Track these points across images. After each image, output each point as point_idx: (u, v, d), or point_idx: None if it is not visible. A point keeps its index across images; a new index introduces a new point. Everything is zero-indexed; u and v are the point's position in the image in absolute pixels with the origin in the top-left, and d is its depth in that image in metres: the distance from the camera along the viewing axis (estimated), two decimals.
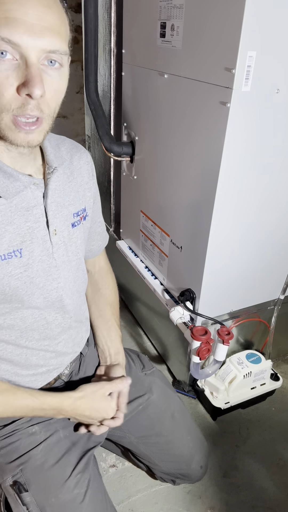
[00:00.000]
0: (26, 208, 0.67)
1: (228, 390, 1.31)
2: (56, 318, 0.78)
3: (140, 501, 1.13)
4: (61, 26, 0.56)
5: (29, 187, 0.67)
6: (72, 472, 0.78)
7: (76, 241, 0.78)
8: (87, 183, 0.82)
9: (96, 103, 1.42)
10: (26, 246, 0.68)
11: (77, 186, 0.79)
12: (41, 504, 0.74)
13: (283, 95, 0.92)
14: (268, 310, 1.38)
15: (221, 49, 0.86)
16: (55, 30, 0.55)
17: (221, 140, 0.92)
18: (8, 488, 0.76)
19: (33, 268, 0.70)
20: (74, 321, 0.83)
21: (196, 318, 1.21)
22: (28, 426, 0.80)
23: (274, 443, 1.29)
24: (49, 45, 0.54)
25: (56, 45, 0.55)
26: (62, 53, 0.57)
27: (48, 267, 0.72)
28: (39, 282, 0.72)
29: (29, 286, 0.70)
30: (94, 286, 0.99)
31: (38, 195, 0.69)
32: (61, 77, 0.59)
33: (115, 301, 1.02)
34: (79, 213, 0.79)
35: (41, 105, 0.57)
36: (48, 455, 0.78)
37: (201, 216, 1.06)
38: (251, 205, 1.08)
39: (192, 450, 0.98)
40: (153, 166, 1.28)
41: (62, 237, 0.74)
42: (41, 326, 0.76)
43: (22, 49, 0.53)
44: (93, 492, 0.78)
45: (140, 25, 1.18)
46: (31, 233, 0.68)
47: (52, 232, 0.72)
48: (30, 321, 0.74)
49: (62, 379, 0.88)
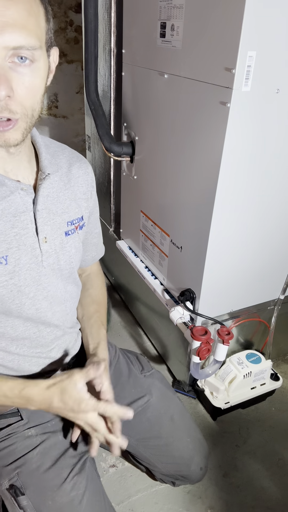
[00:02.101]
0: (14, 214, 0.65)
1: (228, 390, 1.31)
2: (48, 326, 0.77)
3: (140, 501, 1.13)
4: (29, 18, 0.51)
5: (17, 193, 0.65)
6: (69, 474, 0.77)
7: (70, 250, 0.76)
8: (85, 193, 0.80)
9: (96, 103, 1.42)
10: (12, 253, 0.66)
11: (74, 194, 0.77)
12: (38, 508, 0.73)
13: (283, 95, 0.92)
14: (268, 310, 1.38)
15: (221, 49, 0.86)
16: (19, 24, 0.50)
17: (221, 140, 0.92)
18: (5, 491, 0.75)
19: (20, 276, 0.68)
20: (67, 327, 0.82)
21: (196, 318, 1.21)
22: (24, 429, 0.80)
23: (274, 443, 1.29)
24: (12, 41, 0.50)
25: (20, 40, 0.51)
26: (30, 48, 0.52)
27: (37, 276, 0.70)
28: (29, 291, 0.70)
29: (16, 295, 0.68)
30: (83, 287, 0.96)
31: (27, 201, 0.67)
32: (34, 73, 0.55)
33: (102, 300, 0.98)
34: (73, 222, 0.76)
35: (11, 106, 0.54)
36: (44, 458, 0.77)
37: (201, 216, 1.06)
38: (251, 205, 1.08)
39: (192, 452, 0.98)
40: (153, 166, 1.28)
41: (54, 245, 0.72)
42: (32, 334, 0.75)
43: None
44: (90, 494, 0.77)
45: (140, 25, 1.18)
46: (18, 239, 0.66)
47: (42, 239, 0.70)
48: (21, 330, 0.73)
49: None
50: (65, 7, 2.42)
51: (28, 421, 0.81)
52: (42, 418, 0.82)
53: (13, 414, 0.81)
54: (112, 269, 1.93)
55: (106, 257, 2.01)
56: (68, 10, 2.44)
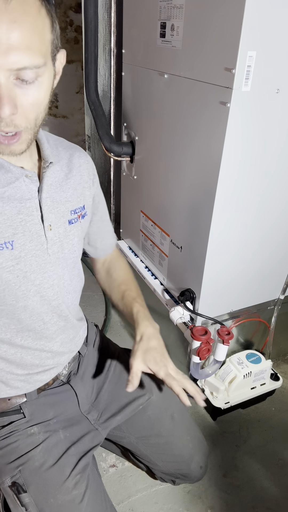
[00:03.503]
0: (20, 200, 0.67)
1: (228, 390, 1.31)
2: (52, 318, 0.77)
3: (140, 501, 1.13)
4: (33, 38, 0.52)
5: (22, 180, 0.66)
6: (71, 473, 0.77)
7: (72, 238, 0.77)
8: (87, 182, 0.82)
9: (96, 103, 1.42)
10: (18, 239, 0.67)
11: (76, 184, 0.78)
12: (40, 505, 0.73)
13: (283, 95, 0.92)
14: (268, 310, 1.38)
15: (221, 49, 0.86)
16: (22, 46, 0.51)
17: (221, 140, 0.92)
18: (7, 489, 0.75)
19: (26, 262, 0.69)
20: (71, 320, 0.83)
21: (196, 318, 1.21)
22: (27, 427, 0.80)
23: (274, 443, 1.29)
24: (16, 63, 0.51)
25: (24, 62, 0.52)
26: (34, 67, 0.53)
27: (43, 263, 0.72)
28: (35, 278, 0.71)
29: (22, 281, 0.69)
30: (107, 274, 0.99)
31: (32, 189, 0.68)
32: (38, 88, 0.56)
33: (128, 278, 0.97)
34: (76, 211, 0.78)
35: (16, 121, 0.56)
36: (47, 456, 0.78)
37: (201, 216, 1.06)
38: (251, 205, 1.08)
39: (192, 451, 0.98)
40: (153, 166, 1.28)
41: (58, 233, 0.74)
42: (37, 326, 0.75)
43: None
44: (92, 492, 0.78)
45: (140, 25, 1.18)
46: (23, 225, 0.67)
47: (47, 227, 0.71)
48: (27, 322, 0.73)
49: (61, 379, 0.87)
50: (65, 7, 2.42)
51: (30, 419, 0.81)
52: (45, 416, 0.83)
53: (15, 412, 0.81)
54: None
55: None
56: (68, 10, 2.44)
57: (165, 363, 0.79)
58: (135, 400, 0.95)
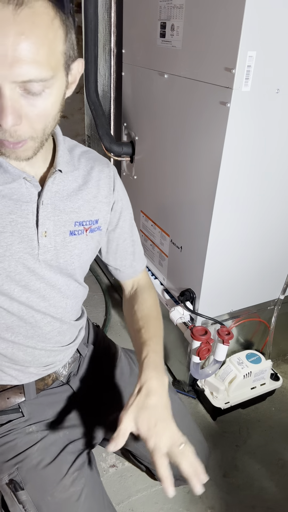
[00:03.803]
0: (15, 201, 0.66)
1: (228, 390, 1.31)
2: (45, 318, 0.77)
3: (140, 501, 1.13)
4: (40, 51, 0.51)
5: (23, 182, 0.66)
6: (68, 470, 0.77)
7: (72, 250, 0.75)
8: (106, 197, 0.80)
9: (96, 103, 1.42)
10: (4, 238, 0.66)
11: (90, 196, 0.76)
12: (37, 503, 0.74)
13: (283, 95, 0.92)
14: (268, 310, 1.38)
15: (221, 49, 0.86)
16: (29, 59, 0.50)
17: (221, 140, 0.92)
18: (4, 486, 0.76)
19: (11, 262, 0.68)
20: (67, 321, 0.82)
21: (196, 318, 1.21)
22: (25, 425, 0.80)
23: (274, 443, 1.29)
24: (21, 76, 0.50)
25: (30, 75, 0.51)
26: (39, 81, 0.52)
27: (32, 267, 0.71)
28: (20, 279, 0.70)
29: (5, 280, 0.68)
30: (129, 303, 0.91)
31: (33, 193, 0.68)
32: (45, 99, 0.55)
33: (149, 314, 0.87)
34: (84, 223, 0.76)
35: (19, 132, 0.55)
36: (44, 453, 0.78)
37: (201, 216, 1.06)
38: (251, 205, 1.08)
39: None
40: (153, 166, 1.28)
41: (54, 242, 0.72)
42: (28, 323, 0.75)
43: None
44: (89, 490, 0.78)
45: (140, 25, 1.18)
46: (13, 226, 0.67)
47: (42, 233, 0.70)
48: (16, 316, 0.73)
49: (60, 380, 0.87)
50: None
51: (29, 418, 0.81)
52: (43, 414, 0.83)
53: (14, 411, 0.81)
54: None
55: None
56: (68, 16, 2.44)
57: (158, 432, 0.69)
58: None
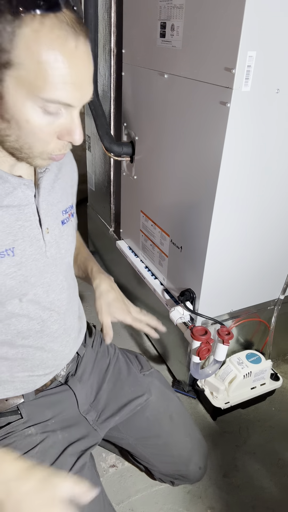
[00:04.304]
0: (18, 207, 0.67)
1: (228, 390, 1.31)
2: (51, 316, 0.78)
3: (140, 501, 1.13)
4: (91, 71, 0.58)
5: (20, 188, 0.67)
6: (68, 472, 0.77)
7: (67, 238, 0.78)
8: (72, 179, 0.84)
9: (96, 103, 1.42)
10: (18, 245, 0.68)
11: (64, 183, 0.79)
12: None
13: (283, 95, 0.92)
14: (268, 310, 1.38)
15: (221, 49, 0.86)
16: (90, 81, 0.57)
17: (221, 140, 0.92)
18: None
19: (27, 267, 0.70)
20: (70, 318, 0.83)
21: (196, 318, 1.21)
22: (24, 428, 0.80)
23: (274, 443, 1.29)
24: (89, 97, 0.58)
25: (91, 94, 0.58)
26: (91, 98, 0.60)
27: (42, 266, 0.72)
28: (35, 281, 0.72)
29: (23, 285, 0.70)
30: None
31: (29, 195, 0.69)
32: None
33: (79, 245, 1.00)
34: (67, 210, 0.79)
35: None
36: (44, 456, 0.78)
37: (201, 216, 1.06)
38: (251, 205, 1.08)
39: (191, 452, 0.98)
40: (153, 166, 1.28)
41: (54, 235, 0.75)
42: (36, 324, 0.75)
43: (70, 105, 0.56)
44: None
45: (140, 25, 1.18)
46: (22, 231, 0.68)
47: (45, 230, 0.72)
48: (25, 320, 0.73)
49: (58, 381, 0.87)
50: None
51: (28, 420, 0.81)
52: (42, 416, 0.82)
53: (12, 413, 0.81)
54: (112, 269, 1.93)
55: (106, 257, 2.02)
56: None
57: (128, 309, 0.94)
58: (133, 400, 0.95)
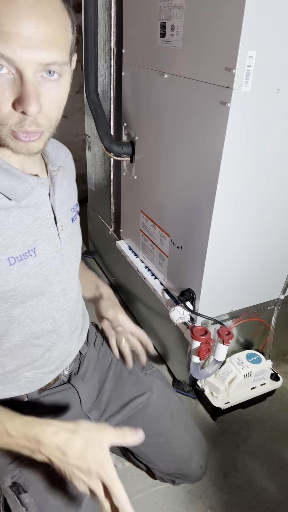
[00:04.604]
0: (35, 207, 0.68)
1: (228, 390, 1.31)
2: (63, 315, 0.78)
3: (140, 501, 1.13)
4: (60, 34, 0.53)
5: (37, 187, 0.67)
6: None
7: (77, 235, 0.80)
8: (73, 178, 0.84)
9: (96, 103, 1.42)
10: (38, 245, 0.68)
11: (69, 181, 0.80)
12: (40, 505, 0.73)
13: (283, 95, 0.92)
14: (268, 310, 1.38)
15: (221, 49, 0.86)
16: (52, 41, 0.52)
17: (221, 140, 0.92)
18: (7, 489, 0.75)
19: (47, 265, 0.70)
20: (77, 317, 0.84)
21: (196, 318, 1.21)
22: None
23: (274, 443, 1.29)
24: (45, 58, 0.52)
25: (53, 57, 0.52)
26: (61, 63, 0.54)
27: (58, 263, 0.73)
28: (53, 279, 0.73)
29: (44, 285, 0.71)
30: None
31: (44, 193, 0.69)
32: (60, 87, 0.56)
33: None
34: (74, 208, 0.80)
35: (39, 120, 0.56)
36: None
37: (201, 216, 1.06)
38: (251, 205, 1.08)
39: (192, 450, 0.98)
40: (153, 166, 1.28)
41: (68, 232, 0.75)
42: (49, 324, 0.76)
43: (16, 64, 0.51)
44: None
45: (140, 25, 1.18)
46: (41, 231, 0.69)
47: (60, 228, 0.73)
48: (39, 320, 0.74)
49: (62, 379, 0.88)
50: None
51: None
52: (45, 415, 0.83)
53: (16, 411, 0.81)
54: (112, 269, 1.93)
55: (106, 257, 2.02)
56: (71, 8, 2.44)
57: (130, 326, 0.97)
58: (135, 398, 0.95)
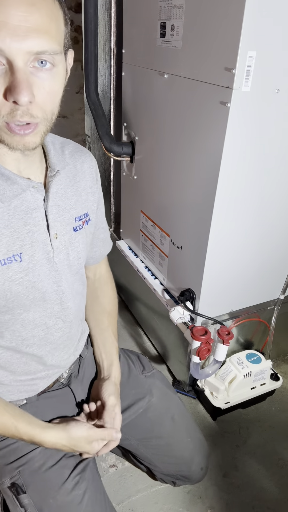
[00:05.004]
0: (25, 211, 0.66)
1: (228, 390, 1.31)
2: (56, 323, 0.77)
3: (140, 501, 1.13)
4: (50, 23, 0.52)
5: (28, 190, 0.66)
6: (71, 473, 0.77)
7: (78, 246, 0.77)
8: (91, 187, 0.80)
9: (96, 103, 1.42)
10: (26, 250, 0.67)
11: (80, 190, 0.77)
12: (39, 506, 0.73)
13: (283, 95, 0.92)
14: (268, 310, 1.38)
15: (221, 49, 0.86)
16: (42, 30, 0.51)
17: (221, 140, 0.92)
18: (6, 490, 0.75)
19: (35, 272, 0.69)
20: (75, 325, 0.83)
21: (196, 318, 1.21)
22: None
23: (274, 443, 1.29)
24: (35, 46, 0.51)
25: (44, 45, 0.52)
26: (52, 53, 0.53)
27: (49, 271, 0.71)
28: (42, 287, 0.71)
29: (30, 291, 0.69)
30: (93, 294, 0.96)
31: (38, 198, 0.67)
32: (54, 78, 0.55)
33: (113, 310, 0.99)
34: (81, 218, 0.77)
35: (32, 111, 0.55)
36: (46, 457, 0.78)
37: (201, 216, 1.06)
38: (251, 205, 1.08)
39: (193, 452, 0.98)
40: (153, 166, 1.28)
41: (63, 241, 0.73)
42: (41, 331, 0.75)
43: (6, 53, 0.50)
44: (91, 493, 0.78)
45: (140, 25, 1.18)
46: (30, 236, 0.67)
47: (53, 235, 0.71)
48: (30, 327, 0.73)
49: (61, 382, 0.87)
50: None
51: None
52: (44, 417, 0.82)
53: None
54: (112, 269, 1.92)
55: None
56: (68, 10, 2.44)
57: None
58: (135, 403, 0.94)
